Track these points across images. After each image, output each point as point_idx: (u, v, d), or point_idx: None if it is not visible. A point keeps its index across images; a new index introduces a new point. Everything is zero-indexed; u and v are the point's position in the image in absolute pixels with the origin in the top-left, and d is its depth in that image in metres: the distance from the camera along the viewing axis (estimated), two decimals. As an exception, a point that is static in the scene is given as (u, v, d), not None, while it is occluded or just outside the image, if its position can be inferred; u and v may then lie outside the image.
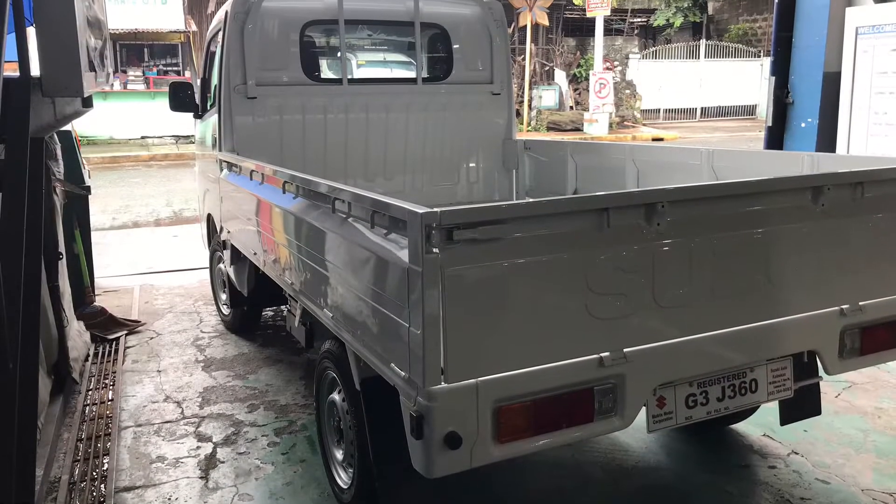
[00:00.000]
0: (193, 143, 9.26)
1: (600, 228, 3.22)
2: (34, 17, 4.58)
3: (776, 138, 9.69)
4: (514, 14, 29.72)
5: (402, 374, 3.13)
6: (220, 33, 7.17)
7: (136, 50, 28.93)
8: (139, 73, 28.05)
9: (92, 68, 5.21)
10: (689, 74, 36.82)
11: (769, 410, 4.93)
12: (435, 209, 2.88)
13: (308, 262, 4.47)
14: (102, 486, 4.93)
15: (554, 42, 34.87)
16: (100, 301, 8.37)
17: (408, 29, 7.67)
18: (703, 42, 37.87)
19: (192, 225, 13.01)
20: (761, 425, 5.49)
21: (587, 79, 31.03)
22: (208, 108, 7.88)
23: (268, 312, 8.25)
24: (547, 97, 31.09)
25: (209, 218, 8.09)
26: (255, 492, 4.87)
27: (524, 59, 30.41)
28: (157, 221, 14.31)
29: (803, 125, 9.39)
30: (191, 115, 8.46)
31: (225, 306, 7.98)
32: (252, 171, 5.79)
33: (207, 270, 8.76)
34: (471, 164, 8.08)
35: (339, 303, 4.01)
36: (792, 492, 4.74)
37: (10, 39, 4.65)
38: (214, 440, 5.55)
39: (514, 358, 3.11)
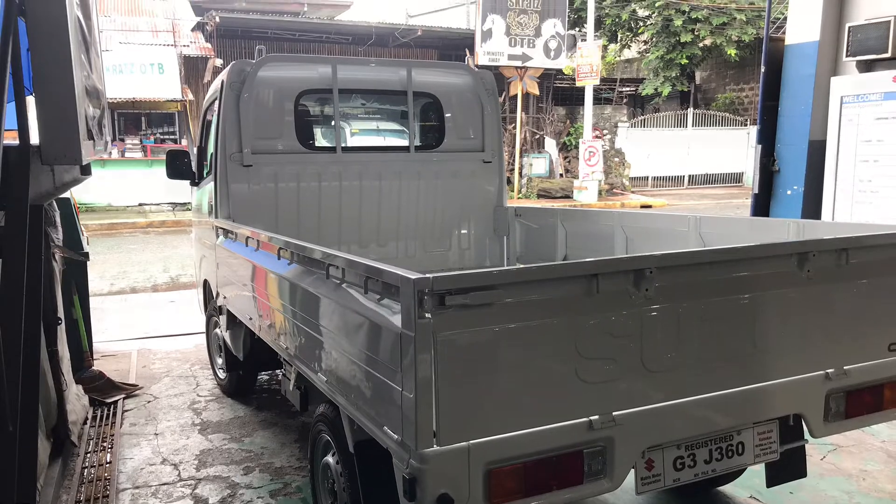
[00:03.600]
0: (190, 210, 9.31)
1: (590, 294, 3.28)
2: (33, 87, 4.62)
3: (762, 205, 9.80)
4: (505, 83, 29.97)
5: (395, 437, 3.17)
6: (217, 102, 7.27)
7: (133, 118, 29.01)
8: (137, 141, 28.06)
9: (90, 137, 5.26)
10: (677, 142, 37.07)
11: (755, 473, 4.97)
12: (427, 275, 2.93)
13: (302, 326, 4.51)
14: (99, 549, 4.94)
15: (544, 111, 35.07)
16: (98, 365, 8.40)
17: (401, 98, 7.79)
18: (690, 111, 38.17)
19: (189, 290, 13.03)
20: (748, 487, 5.52)
21: (577, 147, 31.19)
22: (205, 175, 7.95)
23: (263, 376, 8.26)
24: (537, 165, 31.25)
25: (205, 283, 8.13)
26: (250, 555, 4.89)
27: (515, 128, 30.61)
28: (154, 287, 14.32)
29: (789, 192, 9.50)
30: (187, 182, 8.53)
31: (221, 370, 7.99)
32: (248, 237, 5.86)
33: (204, 335, 8.78)
34: (462, 231, 8.16)
35: (333, 367, 4.05)
36: (781, 555, 4.78)
37: (10, 108, 4.69)
38: (211, 502, 5.55)
39: (506, 421, 3.14)
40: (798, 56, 9.48)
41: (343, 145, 7.58)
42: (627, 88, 42.46)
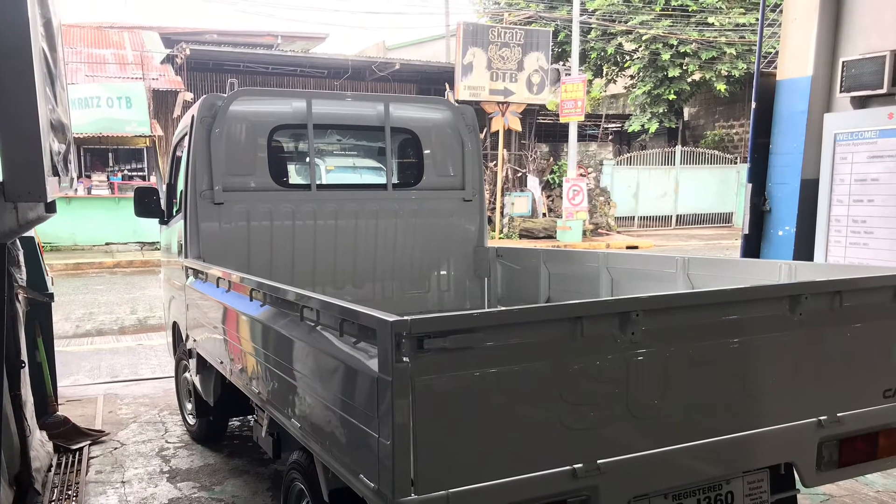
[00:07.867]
0: (159, 249, 9.20)
1: (574, 337, 3.21)
2: (-5, 121, 4.53)
3: (753, 246, 9.74)
4: (487, 119, 30.08)
5: (372, 485, 3.08)
6: (187, 138, 7.15)
7: (100, 154, 28.54)
8: (103, 177, 27.53)
9: (56, 173, 5.15)
10: (665, 181, 37.09)
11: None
12: (405, 317, 2.87)
13: (275, 371, 4.41)
14: None
15: (527, 148, 35.16)
16: (63, 410, 8.21)
17: (378, 134, 7.70)
18: (678, 148, 37.99)
19: (158, 333, 12.97)
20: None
21: (560, 185, 31.21)
22: (174, 213, 7.84)
23: (234, 422, 8.13)
24: (519, 204, 31.26)
25: (175, 326, 8.00)
26: None
27: (496, 165, 30.67)
28: (121, 329, 14.13)
29: (781, 233, 9.44)
30: (156, 221, 8.43)
31: (191, 416, 7.83)
32: (218, 278, 5.74)
33: (173, 379, 8.65)
34: (442, 272, 8.05)
35: (307, 412, 3.96)
36: None
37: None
38: (178, 555, 5.41)
39: (486, 469, 3.07)
40: (790, 92, 9.44)
41: (318, 183, 7.47)
42: (613, 125, 42.60)
